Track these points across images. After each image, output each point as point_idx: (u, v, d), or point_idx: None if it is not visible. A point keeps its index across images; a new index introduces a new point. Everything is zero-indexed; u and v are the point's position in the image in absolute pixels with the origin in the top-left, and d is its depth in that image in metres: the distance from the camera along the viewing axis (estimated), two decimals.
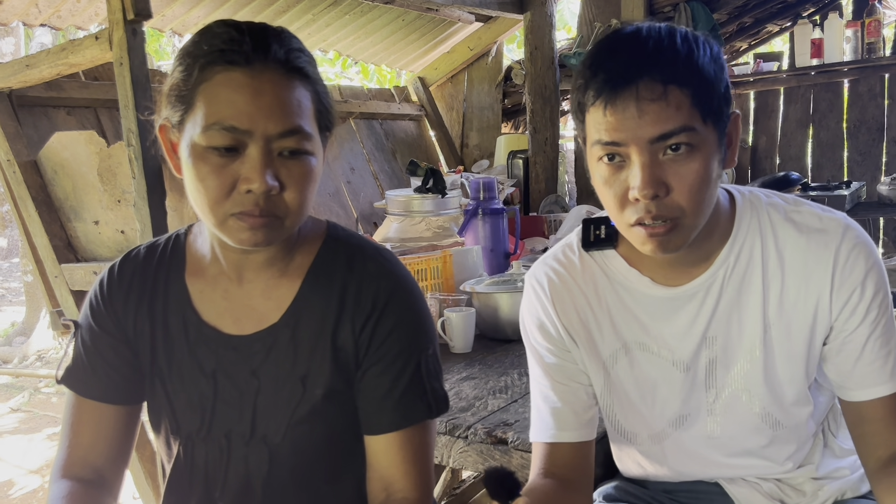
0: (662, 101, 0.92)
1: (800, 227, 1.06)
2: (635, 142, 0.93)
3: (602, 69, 0.95)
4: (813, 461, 1.16)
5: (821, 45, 4.21)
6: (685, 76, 0.93)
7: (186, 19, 3.02)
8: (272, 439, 1.04)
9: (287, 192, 0.94)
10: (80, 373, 1.09)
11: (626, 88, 0.92)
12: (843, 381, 1.08)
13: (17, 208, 2.49)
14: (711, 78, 0.95)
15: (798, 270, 1.05)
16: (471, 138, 4.09)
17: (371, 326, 1.03)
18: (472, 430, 1.36)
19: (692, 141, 0.94)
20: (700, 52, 0.95)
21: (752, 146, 4.71)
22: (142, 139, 1.98)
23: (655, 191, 0.94)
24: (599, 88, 0.95)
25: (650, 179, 0.93)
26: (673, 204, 0.95)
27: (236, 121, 0.91)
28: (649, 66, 0.92)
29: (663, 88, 0.92)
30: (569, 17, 8.55)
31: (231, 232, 0.95)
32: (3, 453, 4.64)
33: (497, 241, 2.50)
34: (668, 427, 1.15)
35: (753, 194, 1.11)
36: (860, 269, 1.03)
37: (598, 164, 0.99)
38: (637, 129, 0.93)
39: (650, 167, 0.94)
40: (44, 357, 7.14)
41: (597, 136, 0.97)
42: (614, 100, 0.93)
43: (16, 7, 2.57)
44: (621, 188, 0.97)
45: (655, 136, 0.93)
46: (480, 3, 3.38)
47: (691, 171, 0.94)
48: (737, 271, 1.07)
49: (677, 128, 0.93)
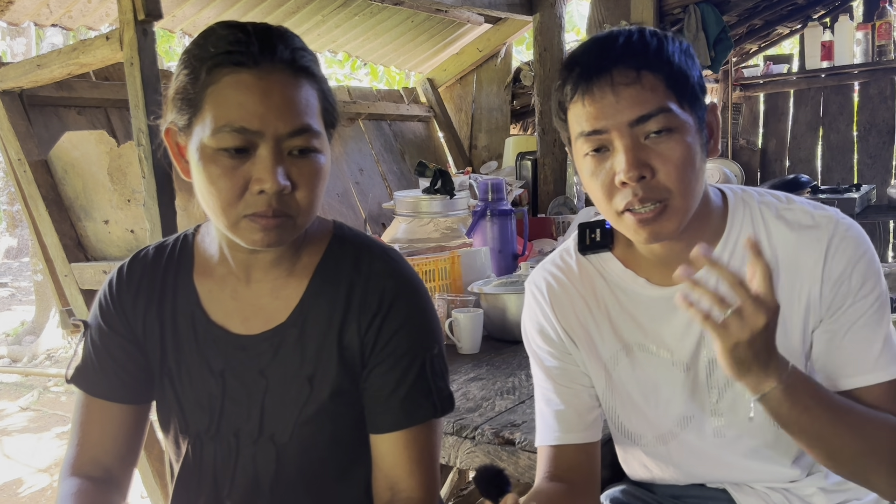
0: (637, 85, 0.96)
1: (791, 224, 1.07)
2: (616, 127, 0.96)
3: (577, 64, 0.99)
4: (821, 469, 1.15)
5: (831, 47, 4.19)
6: (656, 63, 0.97)
7: (197, 20, 3.03)
8: (280, 438, 1.04)
9: (298, 191, 0.95)
10: (90, 372, 1.10)
11: (601, 76, 0.97)
12: (832, 371, 1.06)
13: (28, 207, 2.50)
14: (683, 66, 0.99)
15: (790, 267, 1.06)
16: (479, 139, 4.09)
17: (377, 325, 1.03)
18: (479, 431, 1.36)
19: (671, 123, 0.97)
20: (669, 45, 0.99)
21: (761, 149, 4.70)
22: (152, 139, 1.99)
23: (640, 172, 0.96)
24: (576, 82, 0.98)
25: (634, 161, 0.96)
26: (659, 185, 0.97)
27: (246, 122, 0.91)
28: (621, 55, 0.97)
29: (636, 73, 0.96)
30: (578, 20, 8.54)
31: (244, 233, 0.95)
32: (12, 452, 4.66)
33: (505, 243, 2.50)
34: (673, 427, 1.15)
35: (746, 192, 1.12)
36: (848, 258, 1.03)
37: (583, 160, 1.02)
38: (616, 114, 0.96)
39: (633, 150, 0.96)
40: (53, 356, 7.18)
41: (579, 129, 1.00)
42: (591, 89, 0.97)
43: (27, 7, 2.58)
44: (607, 177, 0.99)
45: (634, 119, 0.96)
46: (490, 4, 3.38)
47: (674, 152, 0.97)
48: (731, 269, 1.07)
49: (654, 109, 0.96)
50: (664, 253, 1.07)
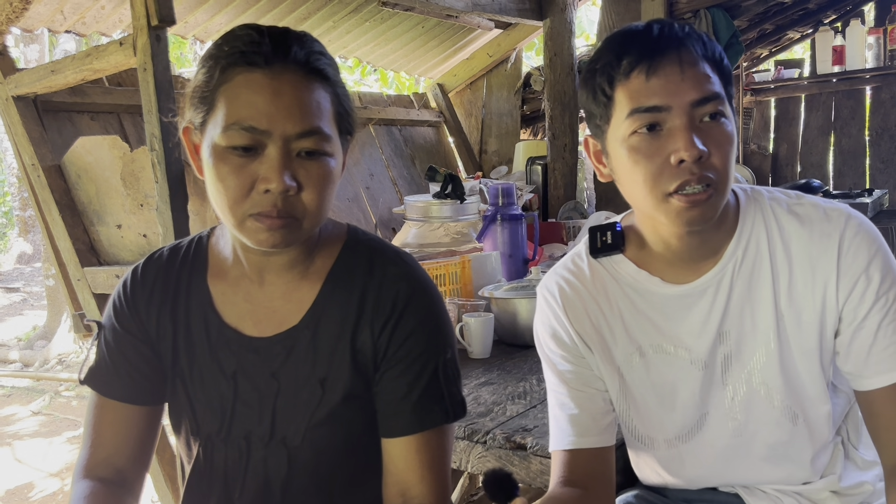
0: (700, 69, 0.99)
1: (802, 219, 1.07)
2: (679, 105, 0.97)
3: (637, 41, 1.00)
4: (835, 471, 1.14)
5: (842, 52, 4.17)
6: (710, 56, 1.01)
7: (209, 26, 3.05)
8: (291, 441, 1.04)
9: (305, 193, 0.95)
10: (103, 373, 1.10)
11: (670, 53, 0.98)
12: (859, 370, 1.06)
13: (41, 212, 2.52)
14: (726, 66, 1.03)
15: (804, 262, 1.06)
16: (489, 144, 4.09)
17: (390, 329, 1.03)
18: (490, 436, 1.35)
19: (723, 109, 1.00)
20: (709, 40, 1.02)
21: (773, 153, 4.68)
22: (165, 144, 2.00)
23: (701, 151, 0.97)
24: (638, 57, 0.99)
25: (696, 140, 0.97)
26: (712, 167, 0.98)
27: (255, 121, 0.92)
28: (684, 40, 1.00)
29: (698, 58, 0.99)
30: (587, 25, 8.54)
31: (249, 233, 0.96)
32: (24, 456, 4.68)
33: (516, 247, 2.49)
34: (689, 428, 1.14)
35: (755, 190, 1.13)
36: (864, 255, 1.03)
37: (629, 138, 1.01)
38: (680, 92, 0.97)
39: (695, 129, 0.98)
40: (65, 361, 7.21)
41: (634, 104, 0.99)
42: (658, 63, 0.98)
43: (41, 14, 2.60)
44: (661, 156, 0.99)
45: (697, 99, 0.98)
46: (500, 9, 3.38)
47: (725, 137, 0.99)
48: (745, 265, 1.08)
49: (713, 94, 0.99)
50: (681, 248, 1.08)
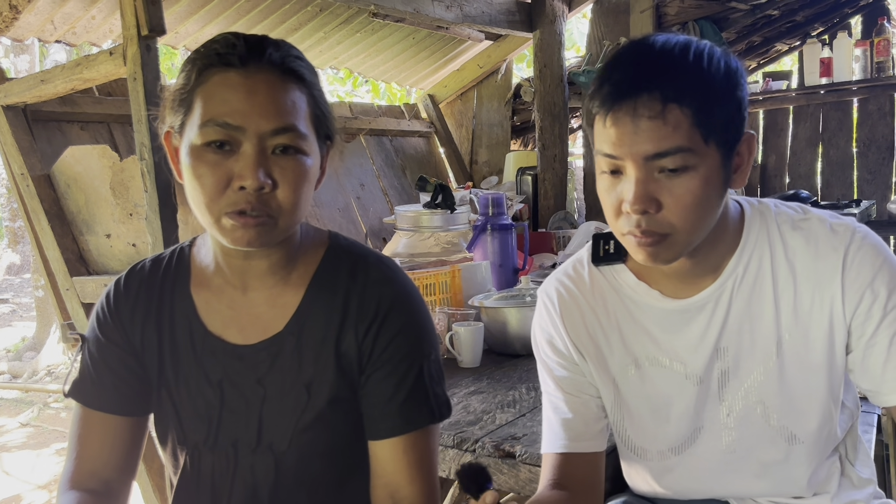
0: (659, 120, 0.91)
1: (808, 235, 1.06)
2: (630, 157, 0.94)
3: (608, 80, 0.96)
4: (829, 489, 1.13)
5: (830, 64, 4.21)
6: (688, 94, 0.91)
7: (199, 36, 3.05)
8: (278, 447, 1.04)
9: (280, 191, 0.95)
10: (88, 385, 1.09)
11: (625, 103, 0.93)
12: (877, 387, 1.05)
13: (31, 221, 2.51)
14: (719, 96, 0.94)
15: (810, 278, 1.05)
16: (480, 155, 4.11)
17: (374, 332, 1.03)
18: (479, 444, 1.35)
19: (688, 162, 0.93)
20: (710, 68, 0.93)
21: (761, 164, 4.71)
22: (154, 154, 2.00)
23: (645, 207, 0.94)
24: (603, 99, 0.96)
25: (641, 195, 0.94)
26: (663, 220, 0.95)
27: (229, 117, 0.93)
28: (650, 81, 0.92)
29: (662, 107, 0.91)
30: (577, 37, 8.60)
31: (225, 231, 0.96)
32: (12, 468, 4.64)
33: (506, 257, 2.50)
34: (683, 441, 1.14)
35: (763, 205, 1.11)
36: (868, 269, 1.02)
37: (600, 175, 1.01)
38: (633, 144, 0.93)
39: (643, 183, 0.94)
40: (53, 372, 7.17)
41: (598, 147, 0.99)
42: (615, 112, 0.94)
43: (31, 24, 2.60)
44: (617, 199, 0.98)
45: (650, 154, 0.93)
46: (490, 21, 3.40)
47: (685, 191, 0.94)
48: (746, 282, 1.07)
49: (672, 148, 0.92)
50: (678, 266, 1.06)
